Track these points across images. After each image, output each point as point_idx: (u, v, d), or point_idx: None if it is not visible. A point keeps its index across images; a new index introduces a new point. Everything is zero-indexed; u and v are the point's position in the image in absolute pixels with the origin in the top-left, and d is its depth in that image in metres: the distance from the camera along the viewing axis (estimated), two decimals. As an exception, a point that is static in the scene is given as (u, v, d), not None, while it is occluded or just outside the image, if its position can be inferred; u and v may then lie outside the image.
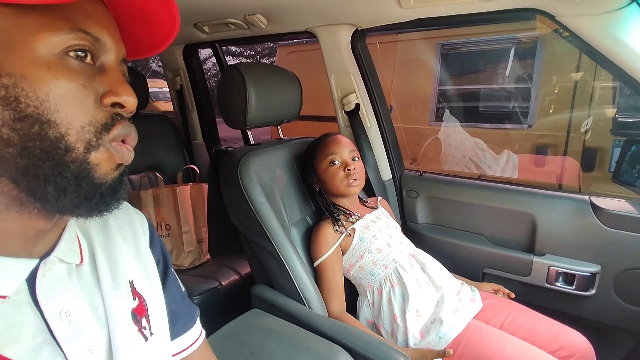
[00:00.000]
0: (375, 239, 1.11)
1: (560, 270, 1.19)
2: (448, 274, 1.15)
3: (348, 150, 1.15)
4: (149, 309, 0.48)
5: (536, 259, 1.23)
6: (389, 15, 1.21)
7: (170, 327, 0.52)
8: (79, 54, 0.34)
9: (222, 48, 1.96)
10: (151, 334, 0.47)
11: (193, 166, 1.79)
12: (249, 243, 1.13)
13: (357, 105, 1.44)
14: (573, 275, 1.18)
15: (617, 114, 2.48)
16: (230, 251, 1.70)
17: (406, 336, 1.01)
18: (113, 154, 0.36)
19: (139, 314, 0.47)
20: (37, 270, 0.37)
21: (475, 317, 1.04)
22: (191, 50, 1.88)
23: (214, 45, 1.87)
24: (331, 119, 1.59)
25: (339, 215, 1.13)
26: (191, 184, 1.66)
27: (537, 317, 1.06)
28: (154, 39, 0.42)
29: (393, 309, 1.05)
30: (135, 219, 0.53)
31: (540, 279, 1.23)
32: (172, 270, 0.57)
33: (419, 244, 1.24)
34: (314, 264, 1.11)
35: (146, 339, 0.46)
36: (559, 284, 1.20)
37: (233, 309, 1.10)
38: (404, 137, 2.75)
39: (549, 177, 2.56)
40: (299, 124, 1.78)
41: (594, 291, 1.16)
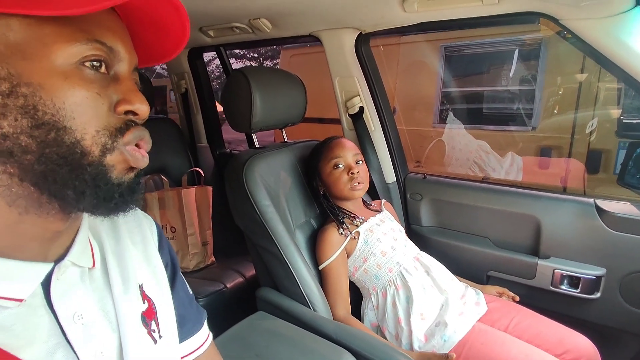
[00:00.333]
0: (379, 242, 1.11)
1: (565, 273, 1.19)
2: (452, 277, 1.15)
3: (352, 154, 1.15)
4: (158, 312, 0.49)
5: (541, 261, 1.23)
6: (392, 19, 1.22)
7: (178, 330, 0.52)
8: (94, 63, 0.35)
9: (227, 51, 1.98)
10: (160, 336, 0.48)
11: (198, 169, 1.80)
12: (254, 246, 1.14)
13: (361, 109, 1.45)
14: (578, 278, 1.17)
15: (622, 116, 2.47)
16: (235, 253, 1.71)
17: (411, 339, 1.02)
18: (127, 158, 0.37)
19: (149, 317, 0.47)
20: (52, 274, 0.38)
21: (480, 320, 1.04)
22: (196, 54, 1.90)
23: (219, 49, 1.88)
24: (334, 121, 1.60)
25: (343, 219, 1.14)
26: (196, 186, 1.67)
27: (542, 320, 1.06)
28: (164, 47, 0.43)
29: (397, 312, 1.05)
30: (144, 222, 0.54)
31: (545, 282, 1.22)
32: (180, 274, 0.58)
33: (423, 247, 1.24)
34: (319, 267, 1.11)
35: (155, 341, 0.47)
36: (564, 287, 1.20)
37: (238, 311, 1.11)
38: (407, 139, 2.75)
39: (553, 179, 2.55)
40: (302, 126, 1.79)
41: (599, 294, 1.16)
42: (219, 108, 1.55)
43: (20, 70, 0.33)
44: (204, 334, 0.59)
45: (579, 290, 1.18)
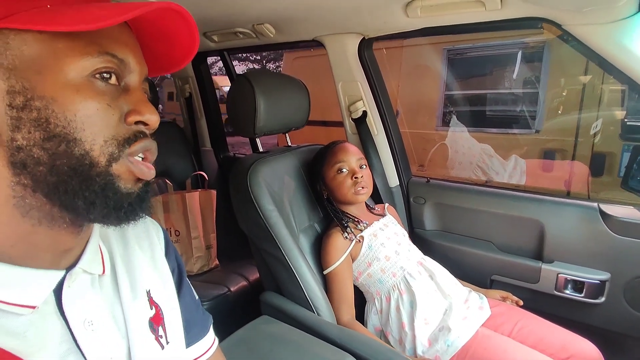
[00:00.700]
0: (383, 246, 1.12)
1: (570, 277, 1.19)
2: (456, 281, 1.15)
3: (356, 159, 1.16)
4: (165, 317, 0.50)
5: (545, 266, 1.22)
6: (395, 25, 1.22)
7: (185, 335, 0.53)
8: (104, 75, 0.36)
9: (230, 56, 1.99)
10: (167, 342, 0.49)
11: (202, 172, 1.81)
12: (258, 250, 1.14)
13: (364, 113, 1.45)
14: (582, 283, 1.17)
15: (626, 118, 2.45)
16: (238, 257, 1.72)
17: (414, 344, 1.02)
18: (132, 169, 0.38)
19: (156, 322, 0.48)
20: (64, 281, 0.39)
21: (484, 324, 1.04)
22: (200, 59, 1.91)
23: (223, 53, 1.89)
24: (337, 124, 1.60)
25: (347, 223, 1.14)
26: (200, 190, 1.68)
27: (546, 324, 1.05)
28: (173, 57, 0.44)
29: (401, 317, 1.05)
30: (151, 228, 0.55)
31: (549, 286, 1.22)
32: (187, 279, 0.59)
33: (427, 251, 1.24)
34: (324, 272, 1.12)
35: (163, 347, 0.48)
36: (568, 291, 1.20)
37: (241, 314, 1.11)
38: (410, 142, 2.75)
39: (557, 182, 2.54)
40: (305, 129, 1.80)
41: (603, 299, 1.16)
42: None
43: (34, 84, 0.33)
44: (210, 338, 0.60)
45: (583, 295, 1.17)
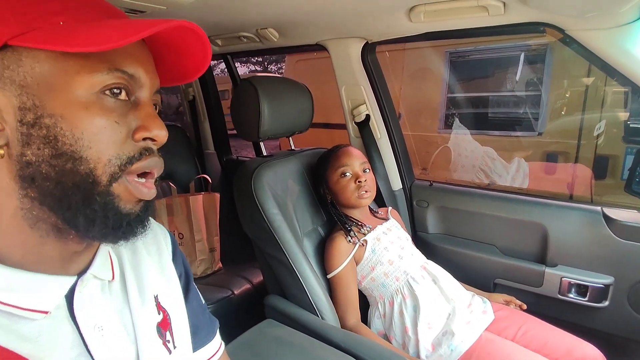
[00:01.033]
0: (386, 250, 1.12)
1: (573, 281, 1.19)
2: (459, 285, 1.15)
3: (359, 162, 1.16)
4: (172, 322, 0.50)
5: (548, 269, 1.22)
6: (399, 29, 1.23)
7: (191, 339, 0.54)
8: (114, 91, 0.36)
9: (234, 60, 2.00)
10: (174, 347, 0.49)
11: (205, 175, 1.82)
12: (262, 253, 1.15)
13: (368, 116, 1.46)
14: (586, 287, 1.17)
15: (630, 120, 2.44)
16: (242, 260, 1.72)
17: (418, 348, 1.02)
18: (131, 191, 0.38)
19: (163, 327, 0.49)
20: (75, 287, 0.40)
21: (487, 329, 1.05)
22: (203, 62, 1.92)
23: (226, 57, 1.90)
24: (339, 126, 1.60)
25: (351, 227, 1.15)
26: (203, 193, 1.69)
27: (550, 329, 1.05)
28: (185, 69, 0.44)
29: (404, 321, 1.05)
30: (159, 233, 0.55)
31: (553, 290, 1.22)
32: (194, 283, 0.59)
33: (430, 254, 1.25)
34: (328, 276, 1.12)
35: (170, 352, 0.48)
36: (571, 295, 1.20)
37: (245, 317, 1.12)
38: (413, 144, 2.75)
39: (560, 185, 2.53)
40: (308, 131, 1.81)
41: (607, 303, 1.16)
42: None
43: (44, 102, 0.34)
44: (217, 343, 0.61)
45: (586, 299, 1.17)
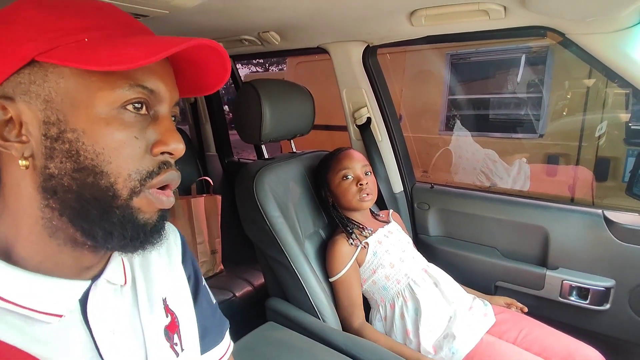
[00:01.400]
0: (388, 253, 1.12)
1: (574, 284, 1.19)
2: (460, 288, 1.15)
3: (361, 165, 1.17)
4: (180, 325, 0.51)
5: (549, 272, 1.23)
6: (400, 33, 1.23)
7: (200, 341, 0.54)
8: (136, 105, 0.37)
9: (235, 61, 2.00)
10: (182, 349, 0.50)
11: (207, 177, 1.83)
12: (263, 256, 1.15)
13: (369, 119, 1.46)
14: (587, 290, 1.17)
15: (631, 122, 2.45)
16: (243, 262, 1.73)
17: (419, 351, 1.02)
18: (152, 200, 0.39)
19: (171, 330, 0.49)
20: (89, 291, 0.40)
21: (488, 331, 1.05)
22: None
23: (228, 59, 1.91)
24: (339, 128, 1.60)
25: (352, 229, 1.15)
26: (205, 195, 1.69)
27: (551, 331, 1.05)
28: (205, 82, 0.45)
29: (406, 324, 1.06)
30: (169, 234, 0.55)
31: (554, 293, 1.22)
32: (204, 284, 0.59)
33: (431, 257, 1.25)
34: (331, 280, 1.12)
35: (177, 354, 0.49)
36: (572, 298, 1.20)
37: (247, 320, 1.12)
38: (413, 146, 2.75)
39: (561, 187, 2.53)
40: (309, 134, 1.82)
41: (608, 306, 1.16)
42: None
43: (67, 117, 0.35)
44: (225, 344, 0.61)
45: (588, 302, 1.18)
